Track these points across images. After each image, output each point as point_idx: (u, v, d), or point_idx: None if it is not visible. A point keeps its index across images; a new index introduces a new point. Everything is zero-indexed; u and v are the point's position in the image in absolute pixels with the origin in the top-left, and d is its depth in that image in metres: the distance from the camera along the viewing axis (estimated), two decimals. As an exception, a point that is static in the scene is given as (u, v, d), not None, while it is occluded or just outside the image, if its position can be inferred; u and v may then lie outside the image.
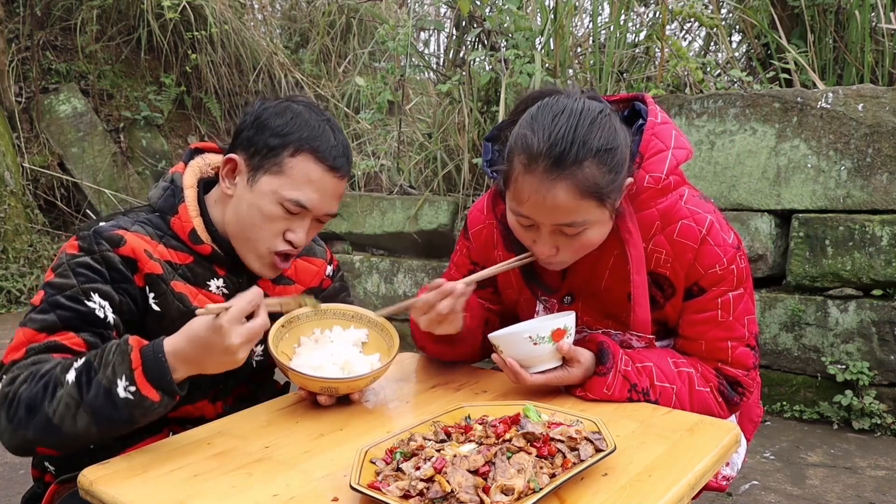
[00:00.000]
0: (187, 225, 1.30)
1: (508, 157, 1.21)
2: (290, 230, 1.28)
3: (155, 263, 1.26)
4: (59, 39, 6.57)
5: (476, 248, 1.48)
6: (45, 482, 1.36)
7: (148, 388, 1.06)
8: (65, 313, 1.17)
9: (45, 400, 1.07)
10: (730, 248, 1.28)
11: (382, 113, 4.48)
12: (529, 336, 1.22)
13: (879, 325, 2.79)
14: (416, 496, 0.86)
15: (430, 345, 1.44)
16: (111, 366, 1.07)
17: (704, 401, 1.29)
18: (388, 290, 4.08)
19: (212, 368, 1.10)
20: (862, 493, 2.36)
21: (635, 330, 1.32)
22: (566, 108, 1.17)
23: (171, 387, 1.08)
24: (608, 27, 4.06)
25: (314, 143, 1.25)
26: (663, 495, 0.91)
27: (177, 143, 6.85)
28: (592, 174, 1.14)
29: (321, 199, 1.27)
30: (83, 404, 1.06)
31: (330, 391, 1.25)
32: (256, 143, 1.27)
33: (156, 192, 1.34)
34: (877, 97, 2.81)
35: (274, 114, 1.28)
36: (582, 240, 1.21)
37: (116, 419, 1.07)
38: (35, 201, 5.86)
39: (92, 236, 1.23)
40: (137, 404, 1.06)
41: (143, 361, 1.07)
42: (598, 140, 1.15)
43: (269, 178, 1.25)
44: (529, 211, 1.19)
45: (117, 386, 1.06)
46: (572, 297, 1.38)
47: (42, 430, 1.07)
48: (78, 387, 1.07)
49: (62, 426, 1.07)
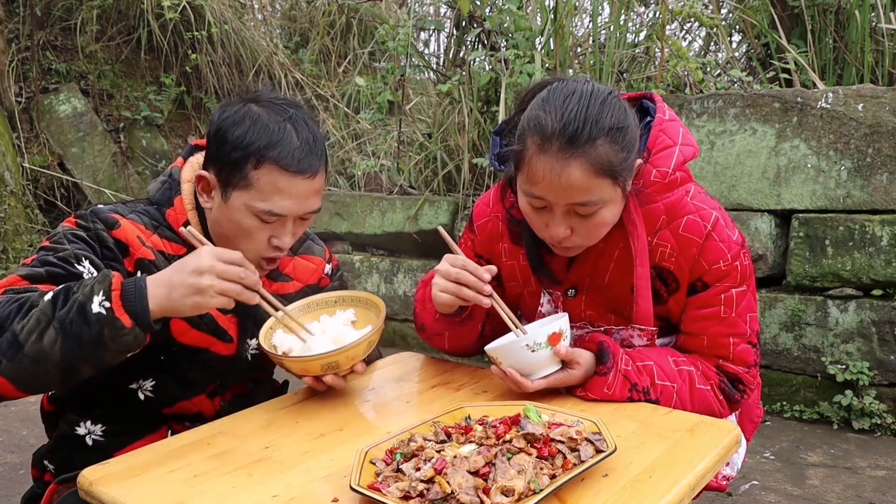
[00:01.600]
0: (182, 217, 1.31)
1: (520, 139, 1.21)
2: (274, 236, 1.28)
3: (147, 250, 1.27)
4: (59, 39, 6.57)
5: (481, 240, 1.48)
6: (45, 482, 1.36)
7: (122, 311, 1.06)
8: (53, 269, 1.18)
9: (17, 317, 1.06)
10: (734, 244, 1.29)
11: (382, 113, 4.48)
12: (526, 344, 1.22)
13: (879, 325, 2.79)
14: (417, 497, 0.86)
15: (431, 321, 1.42)
16: (90, 285, 1.08)
17: (705, 398, 1.29)
18: (388, 290, 4.08)
19: (180, 296, 1.09)
20: (862, 493, 2.36)
21: (637, 322, 1.32)
22: (576, 90, 1.18)
23: (146, 316, 1.07)
24: (608, 27, 4.06)
25: (274, 151, 1.22)
26: (664, 496, 0.91)
27: (177, 143, 6.84)
28: (606, 152, 1.15)
29: (294, 202, 1.26)
30: (54, 320, 1.05)
31: (332, 367, 1.24)
32: (221, 159, 1.25)
33: (154, 185, 1.36)
34: (877, 97, 2.81)
35: (232, 123, 1.24)
36: (595, 220, 1.21)
37: (85, 336, 1.05)
38: (35, 201, 5.85)
39: (89, 215, 1.26)
40: (109, 323, 1.05)
41: (122, 285, 1.09)
42: (610, 119, 1.16)
43: (238, 193, 1.24)
44: (544, 191, 1.19)
45: (92, 302, 1.05)
46: (576, 291, 1.38)
47: (4, 350, 1.04)
48: (53, 304, 1.06)
49: (25, 343, 1.04)
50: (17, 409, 3.19)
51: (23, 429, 2.97)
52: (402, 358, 1.54)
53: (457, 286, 1.26)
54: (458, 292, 1.26)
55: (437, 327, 1.42)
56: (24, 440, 2.87)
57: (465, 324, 1.39)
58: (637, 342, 1.34)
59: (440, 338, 1.45)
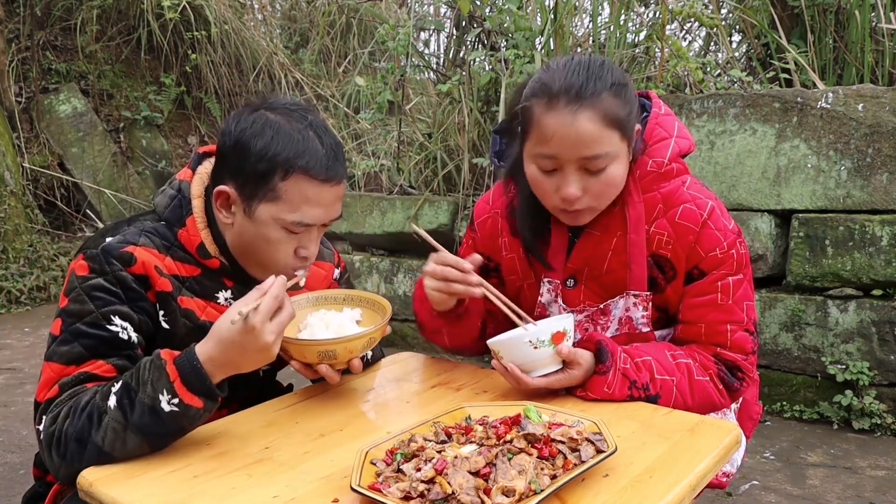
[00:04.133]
0: (195, 238, 1.27)
1: (524, 109, 1.26)
2: (301, 246, 1.27)
3: (165, 280, 1.24)
4: (59, 39, 6.57)
5: (482, 238, 1.50)
6: (47, 482, 1.35)
7: (190, 396, 1.07)
8: (89, 342, 1.16)
9: (92, 430, 1.07)
10: (730, 233, 1.32)
11: (382, 113, 4.48)
12: (529, 340, 1.22)
13: (879, 325, 2.79)
14: (417, 497, 0.86)
15: (429, 319, 1.44)
16: (149, 383, 1.08)
17: (704, 389, 1.30)
18: (388, 290, 4.08)
19: (248, 367, 1.12)
20: (862, 493, 2.36)
21: (632, 288, 1.34)
22: (574, 57, 1.27)
23: (212, 391, 1.09)
24: (608, 27, 4.05)
25: (302, 160, 1.19)
26: (664, 496, 0.91)
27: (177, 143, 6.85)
28: (612, 104, 1.21)
29: (323, 211, 1.24)
30: (129, 426, 1.06)
31: (329, 357, 1.23)
32: (244, 171, 1.21)
33: (162, 199, 1.30)
34: (877, 97, 2.81)
35: (253, 135, 1.20)
36: (605, 177, 1.24)
37: (165, 433, 1.09)
38: (35, 201, 5.86)
39: (101, 256, 1.19)
40: (183, 414, 1.07)
41: (179, 372, 1.08)
42: (611, 76, 1.24)
43: (265, 206, 1.21)
44: (556, 148, 1.22)
45: (160, 402, 1.06)
46: (575, 281, 1.39)
47: (95, 460, 1.07)
48: (122, 410, 1.07)
49: (113, 451, 1.07)
50: (17, 409, 3.19)
51: (23, 429, 2.97)
52: (402, 358, 1.54)
53: (445, 283, 1.29)
54: (447, 289, 1.29)
55: (435, 324, 1.44)
56: (24, 440, 2.87)
57: (462, 320, 1.40)
58: (635, 314, 1.35)
59: (439, 335, 1.46)
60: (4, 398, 3.35)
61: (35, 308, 5.16)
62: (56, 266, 5.48)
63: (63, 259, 5.53)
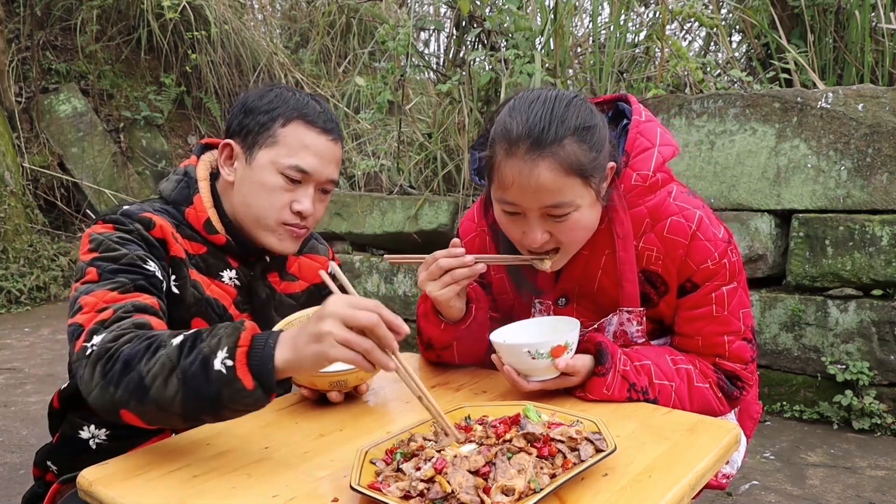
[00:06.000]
0: (202, 215, 1.32)
1: (490, 147, 1.23)
2: (296, 200, 1.30)
3: (179, 247, 1.28)
4: (59, 39, 6.57)
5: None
6: (47, 482, 1.36)
7: (245, 370, 0.97)
8: (132, 276, 1.15)
9: (144, 358, 1.01)
10: (720, 242, 1.29)
11: (382, 113, 4.48)
12: (528, 351, 1.21)
13: (879, 325, 2.79)
14: (417, 497, 0.86)
15: (439, 334, 1.40)
16: (219, 336, 1.00)
17: (704, 397, 1.29)
18: (388, 290, 4.08)
19: (303, 344, 0.98)
20: (862, 493, 2.36)
21: (624, 305, 1.32)
22: (540, 95, 1.21)
23: (269, 377, 0.98)
24: (608, 27, 4.06)
25: (302, 110, 1.30)
26: (664, 495, 0.91)
27: (177, 143, 6.85)
28: (574, 151, 1.16)
29: (319, 161, 1.30)
30: (178, 368, 0.99)
31: (340, 385, 1.24)
32: (248, 125, 1.31)
33: (168, 184, 1.36)
34: (877, 97, 2.81)
35: (258, 96, 1.33)
36: (570, 223, 1.21)
37: (204, 394, 0.98)
38: (35, 201, 5.86)
39: (123, 217, 1.23)
40: (228, 383, 0.97)
41: (252, 341, 1.00)
42: (576, 119, 1.18)
43: (265, 151, 1.29)
44: (515, 196, 1.19)
45: (216, 356, 0.98)
46: (566, 299, 1.38)
47: (132, 390, 1.01)
48: (180, 349, 1.00)
49: (151, 388, 0.99)
50: (16, 410, 3.19)
51: (23, 429, 2.97)
52: (401, 358, 1.54)
53: (447, 276, 1.26)
54: (451, 279, 1.26)
55: (445, 339, 1.40)
56: (24, 440, 2.87)
57: (471, 330, 1.37)
58: (629, 328, 1.34)
59: (449, 352, 1.43)
60: (4, 398, 3.35)
61: (35, 308, 5.16)
62: (56, 266, 5.48)
63: (63, 259, 5.53)
